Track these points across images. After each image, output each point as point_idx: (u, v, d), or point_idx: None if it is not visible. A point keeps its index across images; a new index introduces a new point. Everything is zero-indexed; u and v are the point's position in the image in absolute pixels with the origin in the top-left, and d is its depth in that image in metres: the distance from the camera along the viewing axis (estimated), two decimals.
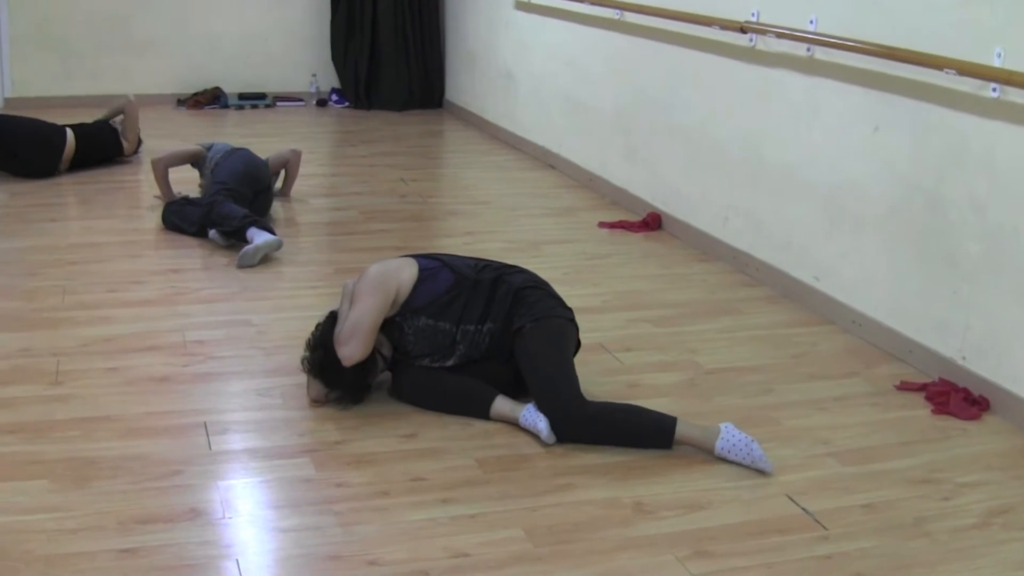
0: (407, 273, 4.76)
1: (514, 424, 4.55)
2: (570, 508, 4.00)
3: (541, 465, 4.30)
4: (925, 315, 5.35)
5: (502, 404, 4.60)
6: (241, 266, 6.55)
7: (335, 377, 4.68)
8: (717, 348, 5.58)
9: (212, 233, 6.92)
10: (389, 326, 4.74)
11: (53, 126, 8.82)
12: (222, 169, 7.38)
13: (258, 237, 6.63)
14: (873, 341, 5.66)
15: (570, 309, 4.92)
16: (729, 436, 4.34)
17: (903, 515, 4.04)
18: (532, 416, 4.48)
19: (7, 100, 11.34)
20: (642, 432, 4.45)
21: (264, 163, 7.67)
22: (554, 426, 4.42)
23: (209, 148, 7.81)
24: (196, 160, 7.83)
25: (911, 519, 4.02)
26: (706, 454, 4.39)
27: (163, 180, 7.73)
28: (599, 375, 5.15)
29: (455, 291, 4.75)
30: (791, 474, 4.30)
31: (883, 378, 5.27)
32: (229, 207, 6.92)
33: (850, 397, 5.06)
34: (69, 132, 8.81)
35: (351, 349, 4.58)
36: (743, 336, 5.77)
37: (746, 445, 4.32)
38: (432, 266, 4.83)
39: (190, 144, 7.96)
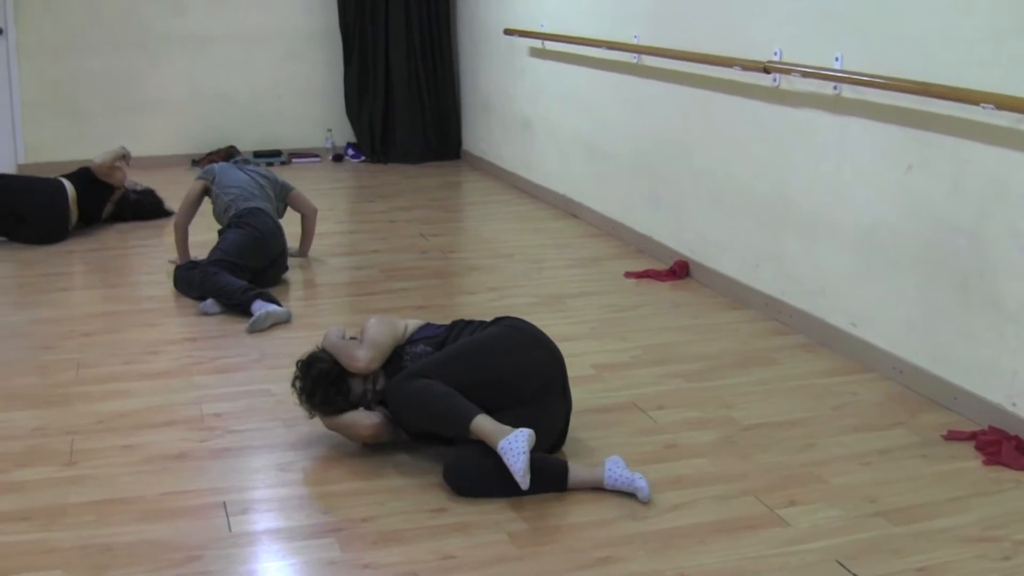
0: (413, 320, 5.12)
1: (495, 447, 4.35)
2: None
3: (577, 537, 4.12)
4: (970, 359, 5.16)
5: (484, 422, 4.38)
6: (252, 331, 6.44)
7: (326, 386, 4.79)
8: (753, 402, 5.39)
9: (206, 304, 6.80)
10: (389, 358, 4.88)
11: (48, 181, 8.77)
12: (227, 238, 7.19)
13: (265, 310, 6.51)
14: (916, 388, 5.46)
15: (545, 335, 4.93)
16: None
17: None
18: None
19: (20, 166, 11.27)
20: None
21: (275, 231, 7.44)
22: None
23: (212, 179, 7.65)
24: (205, 193, 7.70)
25: None
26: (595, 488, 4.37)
27: (183, 241, 7.60)
28: (633, 436, 4.98)
29: (450, 329, 4.98)
30: (839, 536, 4.11)
31: (929, 427, 5.08)
32: (225, 279, 6.80)
33: (896, 449, 4.87)
34: (65, 181, 8.74)
35: (369, 355, 4.77)
36: (780, 388, 5.58)
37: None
38: (435, 322, 5.16)
39: (191, 186, 7.76)
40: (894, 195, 5.55)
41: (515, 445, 4.21)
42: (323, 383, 4.78)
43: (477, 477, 4.38)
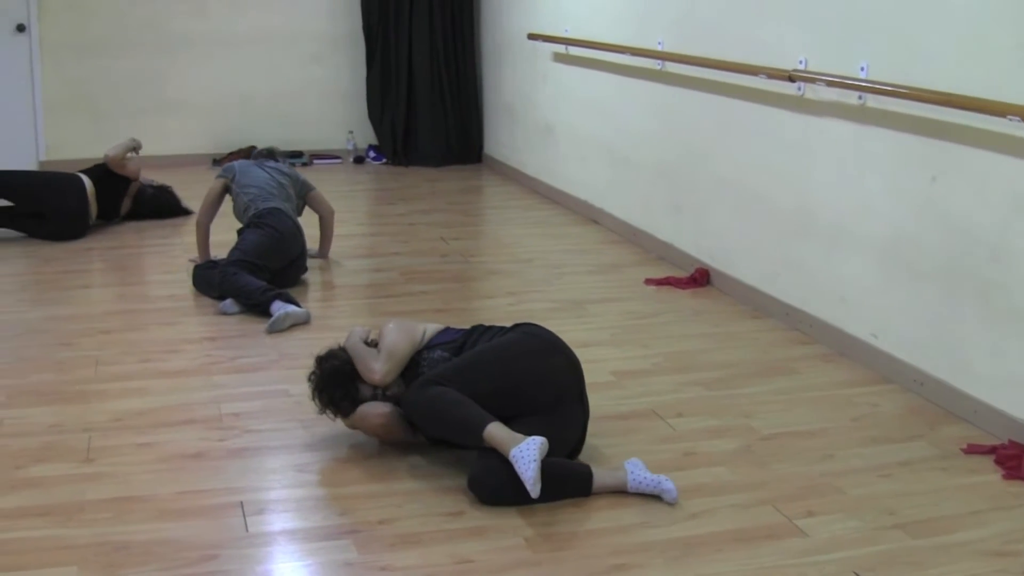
0: (432, 324, 5.08)
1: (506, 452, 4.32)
2: None
3: (594, 544, 4.09)
4: (991, 373, 5.13)
5: (496, 430, 4.36)
6: (271, 331, 6.43)
7: (335, 384, 4.80)
8: (773, 411, 5.36)
9: (225, 304, 6.80)
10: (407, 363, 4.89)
11: (67, 176, 8.84)
12: (246, 239, 7.20)
13: (284, 310, 6.51)
14: (936, 401, 5.43)
15: (563, 342, 4.88)
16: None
17: None
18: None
19: (41, 163, 11.31)
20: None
21: (294, 232, 7.43)
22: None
23: (232, 177, 7.66)
24: (226, 191, 7.71)
25: None
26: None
27: (204, 240, 7.60)
28: (652, 443, 4.96)
29: (468, 335, 4.95)
30: (857, 548, 4.08)
31: (949, 440, 5.05)
32: (244, 279, 6.79)
33: (915, 462, 4.84)
34: (83, 176, 8.79)
35: (386, 368, 4.77)
36: (799, 398, 5.55)
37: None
38: (454, 327, 5.14)
39: (211, 185, 7.76)
40: (917, 206, 5.52)
41: (526, 453, 4.19)
42: (332, 383, 4.79)
43: (502, 486, 4.31)
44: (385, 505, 4.36)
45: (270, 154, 8.22)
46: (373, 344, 4.93)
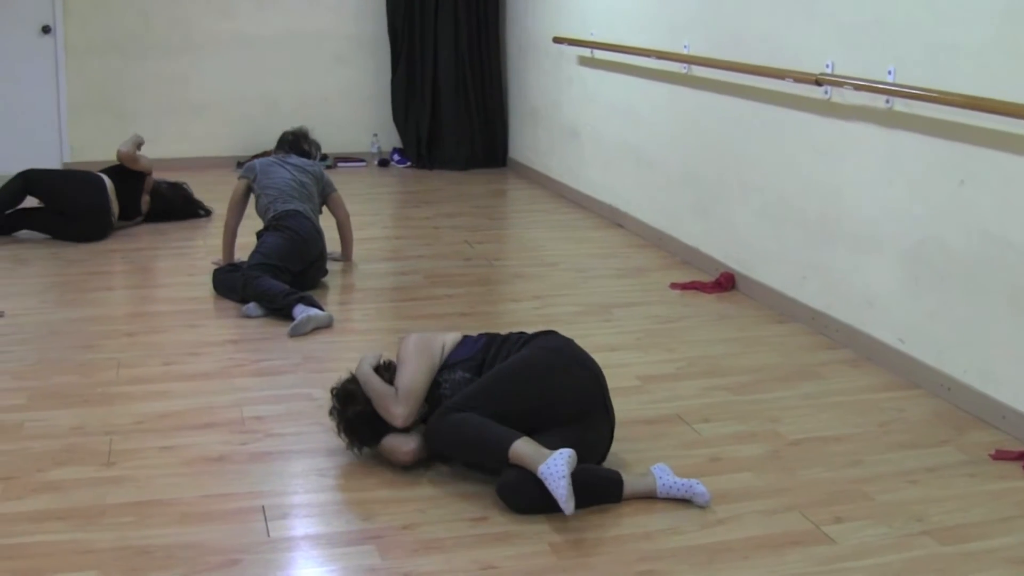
0: (451, 335, 4.98)
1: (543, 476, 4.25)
2: None
3: (620, 550, 4.06)
4: (1019, 378, 5.08)
5: (522, 447, 4.31)
6: (293, 335, 6.41)
7: (362, 427, 4.73)
8: (799, 416, 5.32)
9: (249, 307, 6.79)
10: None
11: (88, 175, 8.88)
12: (266, 242, 7.18)
13: (306, 314, 6.49)
14: (964, 406, 5.39)
15: (583, 353, 4.81)
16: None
17: None
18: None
19: (65, 165, 11.31)
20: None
21: (314, 234, 7.40)
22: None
23: (253, 178, 7.64)
24: (249, 191, 7.69)
25: None
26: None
27: (230, 243, 7.62)
28: (678, 448, 4.92)
29: (488, 347, 4.87)
30: (886, 555, 4.04)
31: (976, 446, 5.00)
32: (267, 283, 6.78)
33: (943, 468, 4.79)
34: (103, 176, 8.85)
35: (406, 412, 4.65)
36: (826, 403, 5.51)
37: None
38: (472, 335, 5.02)
39: (235, 185, 7.75)
40: (945, 210, 5.47)
41: (555, 469, 4.12)
42: (360, 428, 4.74)
43: (535, 495, 4.23)
44: (408, 510, 4.33)
45: (295, 141, 8.16)
46: (385, 367, 4.88)
